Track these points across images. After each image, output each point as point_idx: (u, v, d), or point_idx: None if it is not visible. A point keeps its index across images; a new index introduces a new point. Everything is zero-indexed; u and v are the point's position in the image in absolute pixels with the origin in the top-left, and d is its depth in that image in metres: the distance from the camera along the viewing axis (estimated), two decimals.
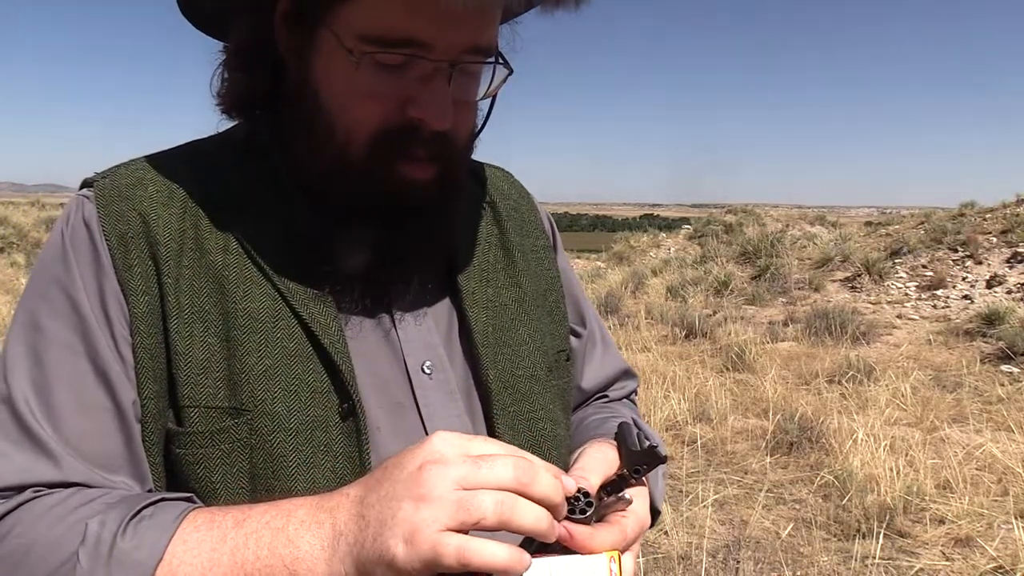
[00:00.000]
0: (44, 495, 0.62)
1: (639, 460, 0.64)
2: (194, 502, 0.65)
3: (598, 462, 0.67)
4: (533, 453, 0.75)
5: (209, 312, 0.68)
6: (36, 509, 0.60)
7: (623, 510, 0.64)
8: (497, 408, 0.76)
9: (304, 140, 0.71)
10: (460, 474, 0.54)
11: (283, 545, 0.57)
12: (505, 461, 0.56)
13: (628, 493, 0.64)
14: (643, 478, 0.65)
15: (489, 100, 0.73)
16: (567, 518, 0.59)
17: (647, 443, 0.64)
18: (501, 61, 0.70)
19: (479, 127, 0.75)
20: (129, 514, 0.60)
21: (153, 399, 0.66)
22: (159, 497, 0.63)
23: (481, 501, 0.53)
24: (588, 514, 0.60)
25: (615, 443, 0.70)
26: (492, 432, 0.76)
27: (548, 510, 0.56)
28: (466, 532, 0.53)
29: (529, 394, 0.79)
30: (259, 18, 0.70)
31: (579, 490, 0.61)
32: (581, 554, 0.59)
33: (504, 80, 0.71)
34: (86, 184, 0.73)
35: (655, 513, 0.85)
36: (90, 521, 0.59)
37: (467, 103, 0.70)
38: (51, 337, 0.66)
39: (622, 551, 0.62)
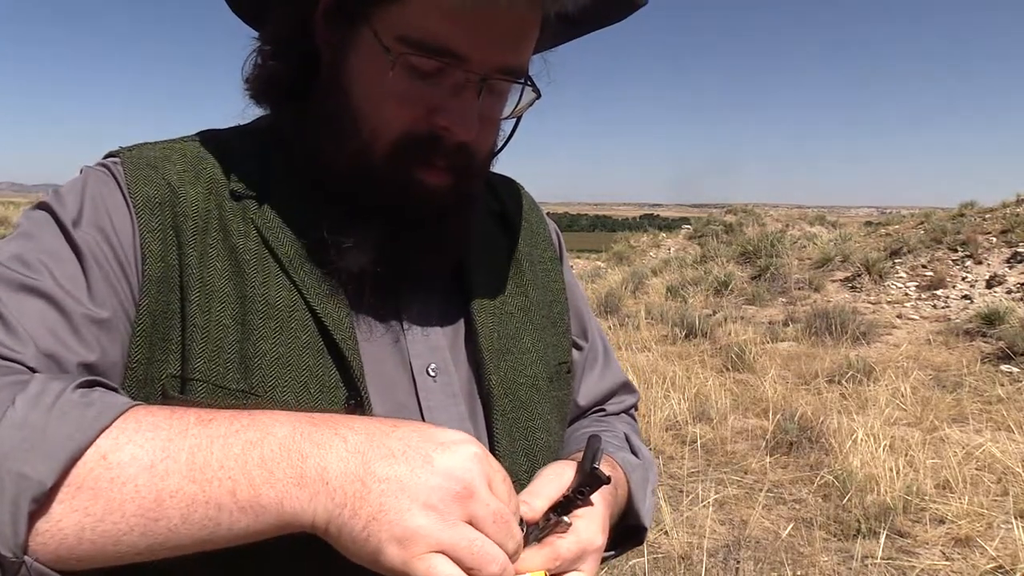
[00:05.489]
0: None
1: (582, 482, 0.65)
2: None
3: (549, 483, 0.67)
4: (528, 461, 0.74)
5: (228, 294, 0.68)
6: None
7: (563, 532, 0.65)
8: (497, 414, 0.76)
9: (328, 136, 0.72)
10: (480, 514, 0.54)
11: (256, 464, 0.52)
12: (513, 526, 0.56)
13: (578, 513, 0.66)
14: (589, 499, 0.66)
15: (512, 121, 0.75)
16: None
17: (592, 465, 0.64)
18: (530, 84, 0.72)
19: (499, 146, 0.77)
20: (83, 380, 0.55)
21: (144, 365, 0.65)
22: (118, 387, 0.59)
23: (488, 556, 0.53)
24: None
25: (575, 462, 0.70)
26: (491, 437, 0.76)
27: None
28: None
29: (529, 403, 0.79)
30: (300, 9, 0.71)
31: None
32: None
33: (531, 103, 0.73)
34: (110, 155, 0.73)
35: (642, 530, 0.85)
36: (38, 376, 0.54)
37: (491, 120, 0.72)
38: (41, 247, 0.63)
39: (557, 571, 0.63)
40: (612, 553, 0.87)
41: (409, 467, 0.53)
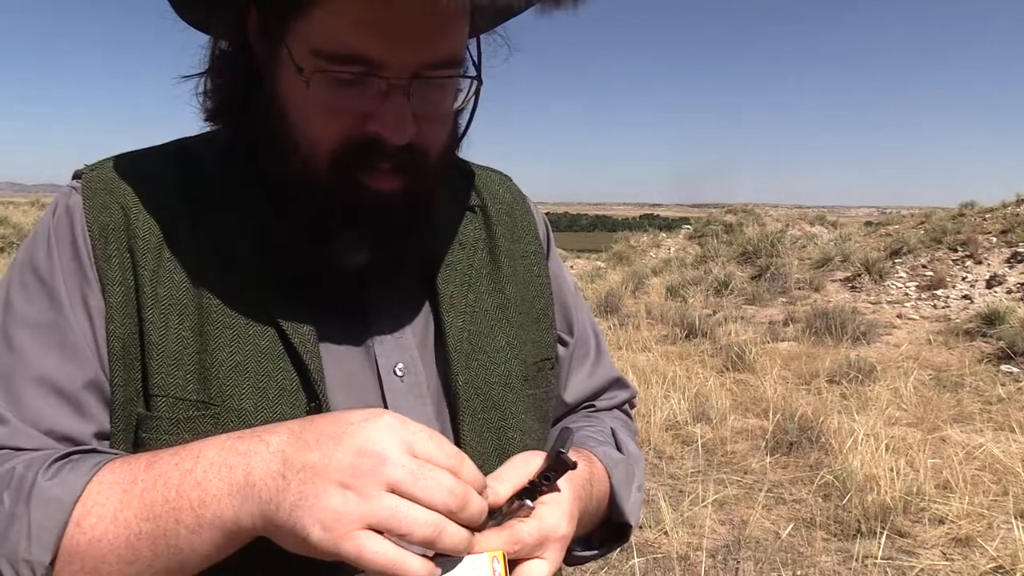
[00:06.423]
0: None
1: (548, 467, 0.65)
2: None
3: (515, 470, 0.67)
4: (500, 461, 0.73)
5: (186, 305, 0.69)
6: None
7: (525, 516, 0.65)
8: (466, 414, 0.76)
9: (272, 150, 0.71)
10: (397, 478, 0.55)
11: (191, 487, 0.58)
12: (444, 480, 0.56)
13: (543, 499, 0.66)
14: (555, 485, 0.66)
15: (470, 109, 0.73)
16: None
17: (558, 450, 0.64)
18: (469, 75, 0.69)
19: (457, 137, 0.75)
20: (55, 456, 0.62)
21: (123, 387, 0.68)
22: (91, 448, 0.65)
23: (414, 519, 0.54)
24: (481, 522, 0.60)
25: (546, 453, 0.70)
26: (459, 438, 0.75)
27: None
28: (380, 532, 0.54)
29: (501, 402, 0.78)
30: (236, 30, 0.71)
31: None
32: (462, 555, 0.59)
33: (476, 92, 0.70)
34: (76, 176, 0.75)
35: (627, 528, 0.85)
36: (17, 464, 0.61)
37: (436, 116, 0.69)
38: (22, 319, 0.68)
39: (517, 555, 0.63)
40: (597, 552, 0.86)
41: (321, 452, 0.56)
